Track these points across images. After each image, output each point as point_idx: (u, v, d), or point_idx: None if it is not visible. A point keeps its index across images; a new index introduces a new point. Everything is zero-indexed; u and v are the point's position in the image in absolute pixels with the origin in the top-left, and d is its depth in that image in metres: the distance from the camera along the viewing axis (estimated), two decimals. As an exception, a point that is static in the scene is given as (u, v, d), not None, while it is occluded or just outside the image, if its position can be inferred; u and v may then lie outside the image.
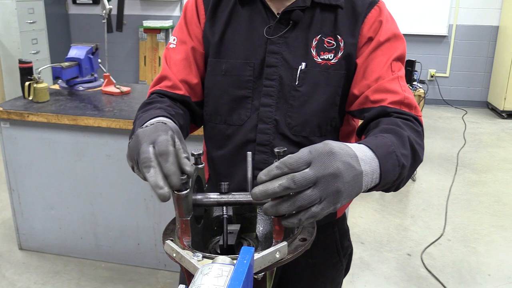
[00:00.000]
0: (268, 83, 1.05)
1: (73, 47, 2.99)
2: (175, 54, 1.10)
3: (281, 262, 0.71)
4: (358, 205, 3.48)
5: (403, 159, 0.82)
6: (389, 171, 0.78)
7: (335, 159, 0.69)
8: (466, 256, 2.86)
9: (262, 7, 1.06)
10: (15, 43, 5.10)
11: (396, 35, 1.04)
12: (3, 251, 2.80)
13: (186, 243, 0.76)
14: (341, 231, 1.23)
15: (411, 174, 0.89)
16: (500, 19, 6.10)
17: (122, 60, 6.95)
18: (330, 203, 0.68)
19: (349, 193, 0.70)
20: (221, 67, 1.07)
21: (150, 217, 2.54)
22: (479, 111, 6.26)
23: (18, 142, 2.55)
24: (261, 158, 1.06)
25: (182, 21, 1.13)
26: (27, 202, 2.67)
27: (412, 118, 0.97)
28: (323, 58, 1.04)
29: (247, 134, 1.07)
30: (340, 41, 1.03)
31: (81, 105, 2.57)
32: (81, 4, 7.04)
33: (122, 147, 2.43)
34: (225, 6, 1.09)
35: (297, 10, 1.03)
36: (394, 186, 0.85)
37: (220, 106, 1.09)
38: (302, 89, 1.04)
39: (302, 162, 0.67)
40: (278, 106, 1.05)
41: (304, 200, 0.66)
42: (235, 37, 1.07)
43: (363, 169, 0.73)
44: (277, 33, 1.04)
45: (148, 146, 0.73)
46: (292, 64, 1.04)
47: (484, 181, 4.00)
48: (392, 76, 1.00)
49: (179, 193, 0.74)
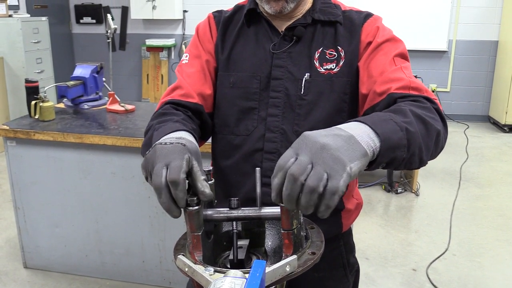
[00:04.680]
0: (275, 95, 1.11)
1: (78, 66, 3.03)
2: (188, 68, 1.16)
3: (291, 276, 0.72)
4: (362, 220, 3.47)
5: (405, 124, 0.80)
6: (388, 133, 0.76)
7: (316, 137, 0.70)
8: (472, 271, 2.85)
9: (267, 26, 1.14)
10: (20, 63, 5.15)
11: (395, 37, 1.10)
12: (8, 269, 2.80)
13: (198, 258, 0.78)
14: (347, 245, 1.25)
15: (435, 145, 0.87)
16: (499, 34, 6.16)
17: (125, 78, 7.02)
18: (337, 171, 0.67)
19: (350, 155, 0.69)
20: (229, 80, 1.14)
21: (155, 234, 2.55)
22: (480, 125, 6.28)
23: (24, 160, 2.57)
24: (269, 166, 1.10)
25: (195, 39, 1.20)
26: (32, 220, 2.68)
27: (422, 98, 0.94)
28: (326, 68, 1.10)
29: (255, 143, 1.12)
30: (340, 51, 1.10)
31: (86, 123, 2.60)
32: (85, 24, 7.14)
33: (127, 165, 2.45)
34: (233, 26, 1.18)
35: (299, 27, 1.11)
36: (415, 155, 0.81)
37: (228, 117, 1.15)
38: (308, 97, 1.10)
39: (289, 157, 0.69)
40: (284, 116, 1.11)
41: (313, 181, 0.66)
42: (243, 53, 1.15)
43: (352, 133, 0.72)
44: (281, 48, 1.12)
45: (162, 168, 0.76)
46: (297, 76, 1.10)
47: (487, 195, 4.00)
48: (394, 67, 1.03)
49: (190, 209, 0.76)
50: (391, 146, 0.76)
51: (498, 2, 6.08)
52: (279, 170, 0.69)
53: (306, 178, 0.66)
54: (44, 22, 5.51)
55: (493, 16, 6.15)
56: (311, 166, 0.67)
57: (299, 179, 0.66)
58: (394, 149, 0.77)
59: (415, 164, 0.84)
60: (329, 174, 0.66)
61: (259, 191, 0.87)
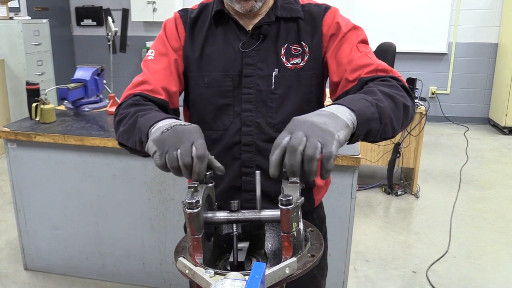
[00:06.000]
0: (247, 91, 1.19)
1: (79, 68, 3.03)
2: (154, 64, 1.20)
3: (290, 278, 0.73)
4: (362, 222, 3.48)
5: (375, 101, 0.92)
6: (361, 109, 0.88)
7: (304, 118, 0.82)
8: (472, 273, 2.85)
9: (235, 25, 1.21)
10: (21, 65, 5.16)
11: (355, 26, 1.20)
12: (9, 271, 2.80)
13: (198, 260, 0.78)
14: (319, 217, 1.40)
15: (405, 115, 1.00)
16: (499, 36, 6.17)
17: (125, 80, 6.99)
18: (328, 140, 0.78)
19: (335, 126, 0.81)
20: (203, 80, 1.21)
21: (155, 236, 2.55)
22: (480, 128, 6.28)
23: (25, 162, 2.58)
24: (247, 157, 1.21)
25: (162, 36, 1.24)
26: (32, 222, 2.69)
27: (388, 78, 1.06)
28: (293, 63, 1.19)
29: (232, 137, 1.21)
30: (304, 47, 1.19)
31: (87, 125, 2.60)
32: (85, 26, 7.15)
33: (128, 167, 2.46)
34: (200, 27, 1.24)
35: (265, 25, 1.18)
36: (387, 125, 0.93)
37: (205, 114, 1.23)
38: (278, 92, 1.19)
39: (284, 136, 0.80)
40: (258, 110, 1.19)
41: (311, 150, 0.76)
42: (214, 53, 1.21)
43: (330, 111, 0.85)
44: (250, 47, 1.19)
45: (190, 146, 0.83)
46: (266, 72, 1.18)
47: (487, 197, 4.00)
48: (360, 54, 1.13)
49: (190, 211, 0.77)
50: (366, 119, 0.88)
51: (498, 4, 6.09)
52: (276, 147, 0.79)
53: (304, 148, 0.76)
54: (45, 24, 5.52)
55: (492, 18, 6.16)
56: (306, 139, 0.77)
57: (298, 149, 0.76)
58: (369, 122, 0.89)
59: (389, 133, 0.96)
60: (322, 143, 0.77)
61: (258, 193, 0.88)
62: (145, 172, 2.45)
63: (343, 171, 2.17)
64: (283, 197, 0.76)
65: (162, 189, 2.46)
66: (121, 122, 1.06)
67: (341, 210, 2.23)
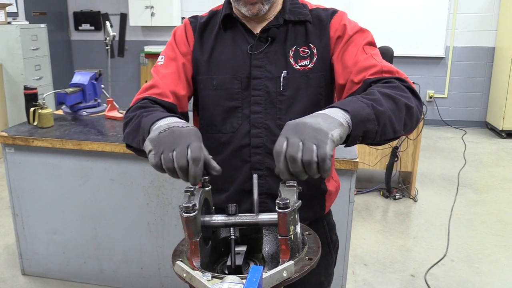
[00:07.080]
0: (256, 93, 1.20)
1: (77, 73, 3.03)
2: (163, 69, 1.22)
3: (288, 281, 0.73)
4: (361, 226, 3.48)
5: (371, 101, 0.91)
6: (356, 109, 0.88)
7: (297, 121, 0.83)
8: (470, 276, 2.85)
9: (243, 29, 1.22)
10: (19, 69, 5.16)
11: (362, 28, 1.20)
12: (6, 276, 2.79)
13: (196, 264, 0.78)
14: (329, 224, 1.38)
15: (409, 117, 0.98)
16: (496, 40, 6.19)
17: (123, 85, 7.03)
18: (322, 140, 0.79)
19: (328, 126, 0.82)
20: (212, 83, 1.22)
21: (153, 241, 2.55)
22: (478, 131, 6.30)
23: (23, 167, 2.58)
24: (257, 159, 1.21)
25: (172, 42, 1.26)
26: (30, 227, 2.68)
27: (393, 79, 1.06)
28: (301, 65, 1.20)
29: (242, 139, 1.21)
30: (313, 49, 1.20)
31: (85, 130, 2.60)
32: (83, 31, 7.16)
33: (126, 172, 2.46)
34: (210, 32, 1.25)
35: (273, 28, 1.19)
36: (386, 126, 0.92)
37: (214, 117, 1.23)
38: (287, 93, 1.19)
39: (282, 141, 0.80)
40: (267, 112, 1.20)
41: (307, 155, 0.77)
42: (222, 56, 1.22)
43: (323, 112, 0.86)
44: (258, 49, 1.20)
45: (186, 148, 0.83)
46: (275, 74, 1.19)
47: (485, 201, 4.00)
48: (366, 56, 1.13)
49: (187, 215, 0.77)
50: (361, 120, 0.88)
51: (495, 8, 6.12)
52: (279, 155, 0.80)
53: (302, 154, 0.77)
54: (43, 29, 5.52)
55: (489, 22, 6.18)
56: (301, 143, 0.78)
57: (298, 157, 0.77)
58: (365, 123, 0.89)
59: (390, 135, 0.94)
60: (317, 144, 0.78)
61: (256, 197, 0.88)
62: (143, 177, 2.45)
63: (341, 175, 2.17)
64: (280, 201, 0.76)
65: (160, 193, 2.45)
66: (127, 124, 1.08)
67: (339, 214, 2.23)
